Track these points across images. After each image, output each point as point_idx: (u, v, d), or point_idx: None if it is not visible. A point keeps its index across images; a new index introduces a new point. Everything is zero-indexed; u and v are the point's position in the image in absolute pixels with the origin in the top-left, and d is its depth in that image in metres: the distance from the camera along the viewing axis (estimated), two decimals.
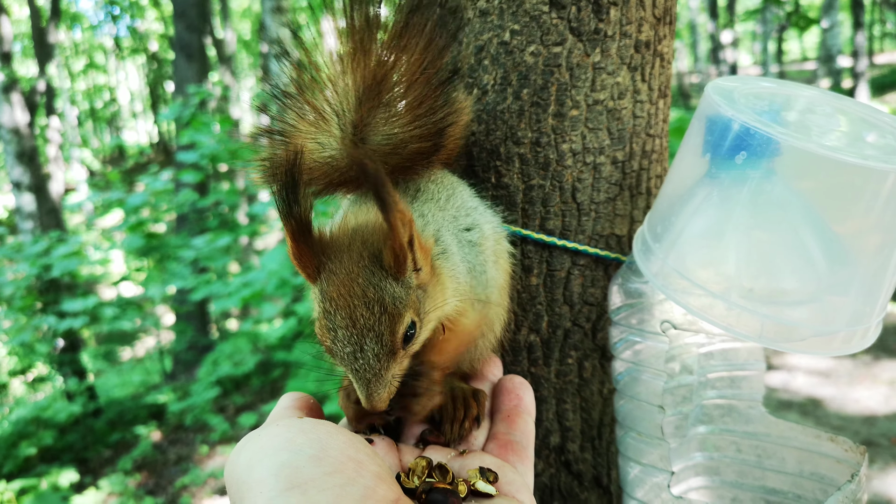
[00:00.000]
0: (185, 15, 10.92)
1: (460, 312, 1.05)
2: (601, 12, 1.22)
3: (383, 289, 0.89)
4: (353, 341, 0.88)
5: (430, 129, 1.10)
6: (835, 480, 1.17)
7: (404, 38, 1.05)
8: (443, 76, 1.10)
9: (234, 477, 0.76)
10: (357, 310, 0.88)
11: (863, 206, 0.98)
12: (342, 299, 0.88)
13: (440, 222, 1.07)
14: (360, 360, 0.88)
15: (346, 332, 0.88)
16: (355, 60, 1.05)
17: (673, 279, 1.08)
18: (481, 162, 1.30)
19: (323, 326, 0.90)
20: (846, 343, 1.03)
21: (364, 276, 0.89)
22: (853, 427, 5.75)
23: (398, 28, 1.05)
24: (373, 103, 1.05)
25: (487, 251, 1.13)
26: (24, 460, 7.45)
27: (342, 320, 0.88)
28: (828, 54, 19.44)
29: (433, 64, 1.08)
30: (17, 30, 24.59)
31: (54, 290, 8.64)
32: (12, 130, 10.18)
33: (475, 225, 1.13)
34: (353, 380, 0.90)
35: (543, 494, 1.38)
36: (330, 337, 0.89)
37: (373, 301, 0.88)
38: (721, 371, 1.36)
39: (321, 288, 0.90)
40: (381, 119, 1.07)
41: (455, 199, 1.14)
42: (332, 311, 0.88)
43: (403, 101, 1.07)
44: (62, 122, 23.99)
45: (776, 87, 1.22)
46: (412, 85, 1.07)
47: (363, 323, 0.88)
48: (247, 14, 30.53)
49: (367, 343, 0.88)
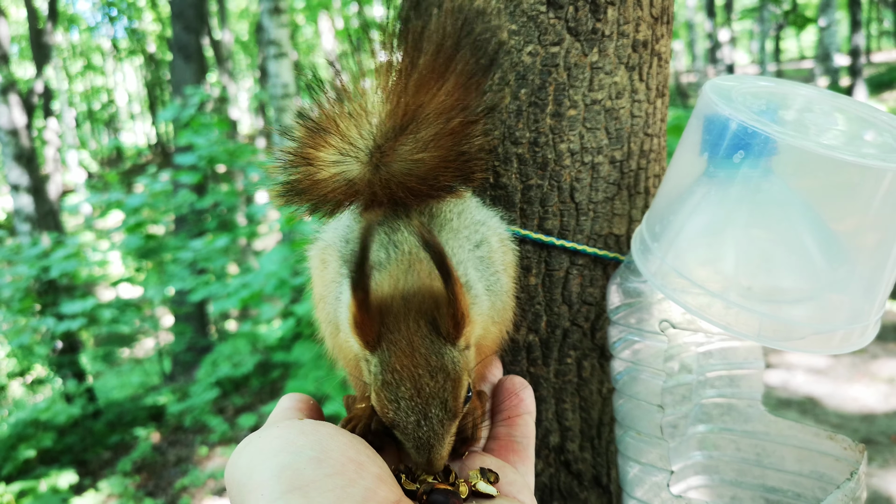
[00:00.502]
0: (183, 16, 10.92)
1: (483, 336, 1.06)
2: (599, 12, 1.22)
3: (444, 355, 0.88)
4: (417, 410, 0.87)
5: (460, 160, 1.09)
6: (834, 479, 1.17)
7: (445, 74, 1.04)
8: (478, 112, 1.09)
9: (235, 479, 0.76)
10: (422, 379, 0.87)
11: (861, 205, 0.98)
12: (406, 370, 0.87)
13: (462, 257, 1.05)
14: (424, 427, 0.87)
15: (411, 403, 0.87)
16: (393, 94, 1.04)
17: (671, 278, 1.08)
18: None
19: (385, 399, 0.88)
20: (845, 341, 1.03)
21: (425, 345, 0.88)
22: (852, 425, 5.76)
23: (438, 64, 1.04)
24: (405, 134, 1.04)
25: (497, 263, 1.12)
26: (24, 462, 7.44)
27: (406, 391, 0.87)
28: (825, 53, 19.46)
29: (469, 100, 1.07)
30: (15, 31, 24.57)
31: (53, 291, 8.63)
32: (10, 132, 10.17)
33: (484, 240, 1.11)
34: (413, 446, 0.89)
35: (543, 494, 1.38)
36: (392, 408, 0.88)
37: (436, 369, 0.88)
38: (720, 370, 1.36)
39: (381, 359, 0.89)
40: (411, 148, 1.05)
41: (464, 216, 1.12)
42: (396, 383, 0.87)
43: (435, 133, 1.05)
44: (60, 124, 23.96)
45: (774, 85, 1.22)
46: (447, 118, 1.05)
47: (428, 392, 0.87)
48: (244, 15, 30.51)
49: (433, 410, 0.87)
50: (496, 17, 1.23)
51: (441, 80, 1.04)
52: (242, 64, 35.77)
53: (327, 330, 1.14)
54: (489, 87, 1.23)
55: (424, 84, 1.04)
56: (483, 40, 1.08)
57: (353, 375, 1.08)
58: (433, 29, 1.05)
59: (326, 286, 1.12)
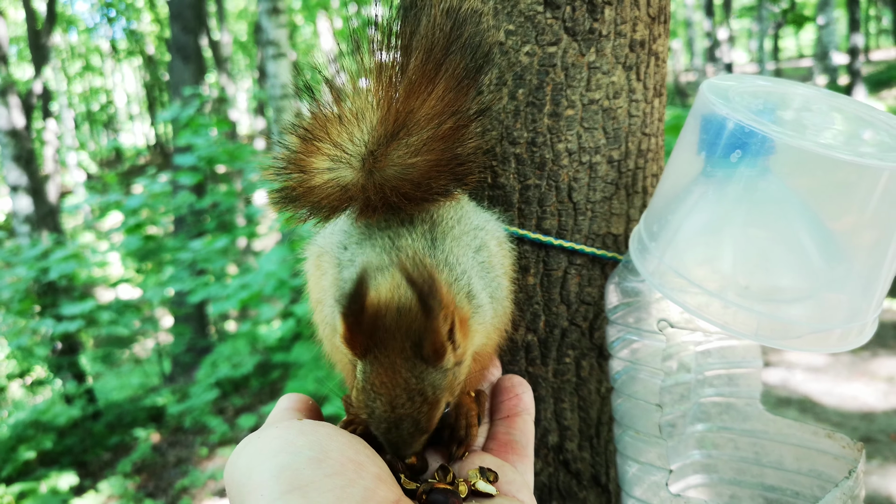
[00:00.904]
0: (181, 17, 10.92)
1: (485, 344, 1.07)
2: (596, 12, 1.22)
3: (424, 379, 0.89)
4: (389, 421, 0.89)
5: (454, 164, 1.09)
6: (832, 477, 1.17)
7: (435, 78, 1.04)
8: (470, 115, 1.09)
9: (234, 480, 0.76)
10: (398, 399, 0.88)
11: (858, 203, 0.98)
12: (384, 388, 0.88)
13: (466, 265, 1.05)
14: (393, 434, 0.90)
15: (384, 415, 0.89)
16: (384, 99, 1.04)
17: (669, 277, 1.08)
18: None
19: (361, 402, 0.91)
20: (843, 340, 1.03)
21: (407, 367, 0.89)
22: (852, 423, 5.76)
23: (429, 68, 1.04)
24: (397, 140, 1.04)
25: (497, 267, 1.12)
26: (24, 464, 7.44)
27: (381, 406, 0.89)
28: (824, 51, 19.47)
29: (461, 103, 1.07)
30: (13, 33, 24.55)
31: (52, 293, 8.63)
32: (9, 133, 10.17)
33: (483, 245, 1.11)
34: (383, 442, 0.91)
35: (542, 493, 1.38)
36: (367, 413, 0.90)
37: (414, 392, 0.89)
38: (718, 369, 1.37)
39: (366, 370, 0.90)
40: (403, 153, 1.05)
41: (464, 221, 1.12)
42: (373, 396, 0.89)
43: (427, 137, 1.05)
44: (59, 125, 23.95)
45: (771, 85, 1.22)
46: (438, 122, 1.05)
47: (402, 412, 0.89)
48: (243, 15, 30.51)
49: (404, 425, 0.89)
50: (491, 18, 1.23)
51: (431, 83, 1.04)
52: (241, 64, 35.75)
53: (325, 332, 1.14)
54: (483, 89, 1.22)
55: (415, 88, 1.04)
56: (474, 43, 1.08)
57: (349, 377, 1.08)
58: (423, 32, 1.05)
59: (324, 290, 1.12)
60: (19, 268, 8.09)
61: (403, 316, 0.90)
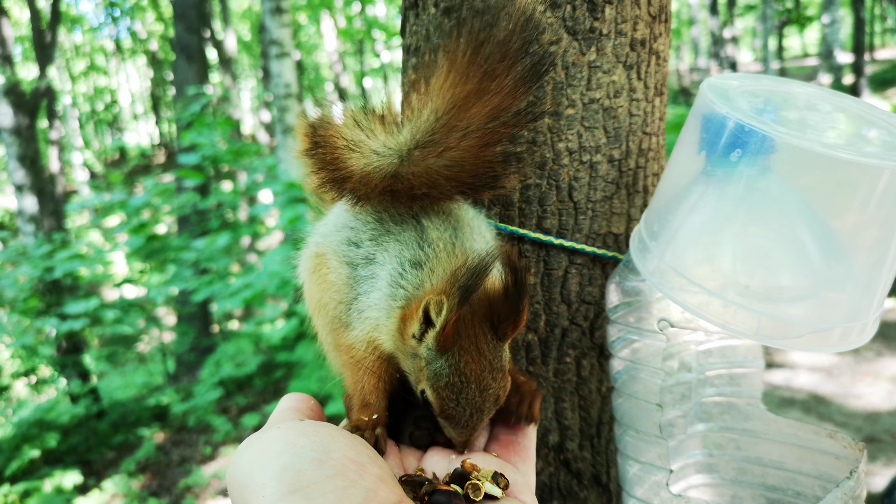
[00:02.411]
0: (185, 16, 10.93)
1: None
2: (596, 11, 1.22)
3: (502, 356, 0.98)
4: (475, 406, 0.96)
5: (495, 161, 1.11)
6: (834, 477, 1.17)
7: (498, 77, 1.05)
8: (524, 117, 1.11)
9: (236, 480, 0.77)
10: (486, 381, 0.95)
11: (859, 203, 0.98)
12: (474, 374, 0.95)
13: (480, 251, 1.07)
14: (475, 418, 0.96)
15: (472, 401, 0.95)
16: (446, 84, 1.05)
17: (669, 277, 1.08)
18: None
19: (446, 397, 0.95)
20: (843, 339, 1.03)
21: (490, 349, 0.96)
22: (856, 424, 5.75)
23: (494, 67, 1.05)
24: (450, 126, 1.05)
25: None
26: (28, 463, 7.46)
27: (472, 392, 0.95)
28: (828, 50, 19.40)
29: (517, 104, 1.08)
30: (18, 32, 24.61)
31: (56, 292, 8.65)
32: (14, 133, 10.20)
33: (481, 232, 1.14)
34: (460, 429, 0.97)
35: (543, 493, 1.38)
36: (452, 405, 0.95)
37: (497, 370, 0.97)
38: (720, 368, 1.36)
39: (451, 362, 0.95)
40: (454, 142, 1.06)
41: (463, 210, 1.15)
42: (463, 384, 0.95)
43: (479, 132, 1.06)
44: (63, 125, 24.02)
45: (773, 84, 1.22)
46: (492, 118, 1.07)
47: (489, 391, 0.96)
48: (247, 15, 30.53)
49: (487, 405, 0.96)
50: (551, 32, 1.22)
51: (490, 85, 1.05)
52: (245, 64, 35.80)
53: (328, 333, 1.15)
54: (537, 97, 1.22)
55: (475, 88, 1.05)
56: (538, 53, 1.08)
57: (356, 378, 1.09)
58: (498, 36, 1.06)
59: (331, 292, 1.12)
60: (24, 266, 8.12)
61: (474, 305, 0.96)
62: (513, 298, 0.94)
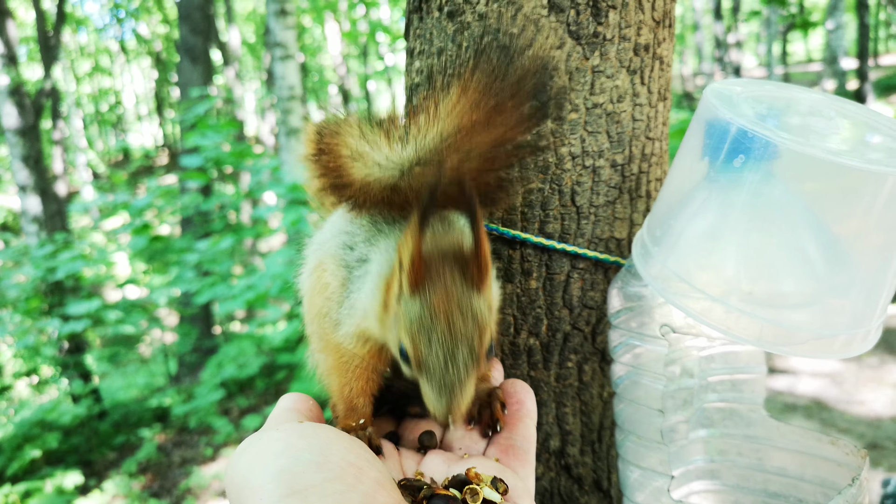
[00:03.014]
0: (190, 18, 10.95)
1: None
2: (600, 16, 1.22)
3: (472, 302, 0.97)
4: (447, 350, 0.94)
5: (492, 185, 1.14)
6: (836, 484, 1.16)
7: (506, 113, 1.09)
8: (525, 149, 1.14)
9: (235, 482, 0.76)
10: (455, 320, 0.95)
11: (862, 209, 0.98)
12: (442, 312, 0.95)
13: None
14: (451, 370, 0.94)
15: (442, 343, 0.94)
16: (455, 110, 1.09)
17: (672, 282, 1.08)
18: None
19: (416, 336, 0.95)
20: (846, 346, 1.03)
21: (459, 291, 0.97)
22: (858, 430, 5.73)
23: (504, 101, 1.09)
24: (453, 148, 1.09)
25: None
26: (29, 463, 7.47)
27: (440, 332, 0.95)
28: (832, 56, 19.37)
29: (520, 137, 1.12)
30: (23, 33, 24.69)
31: (59, 292, 8.66)
32: (18, 133, 10.22)
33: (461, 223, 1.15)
34: (437, 389, 0.95)
35: (543, 498, 1.38)
36: (424, 348, 0.95)
37: (467, 313, 0.96)
38: (722, 374, 1.36)
39: (423, 300, 0.96)
40: (455, 163, 1.09)
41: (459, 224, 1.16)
42: (432, 321, 0.95)
43: (480, 157, 1.10)
44: (67, 125, 24.07)
45: (777, 90, 1.22)
46: (495, 146, 1.11)
47: (459, 332, 0.95)
48: (251, 17, 30.62)
49: (461, 352, 0.95)
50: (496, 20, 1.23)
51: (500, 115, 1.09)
52: (249, 66, 35.88)
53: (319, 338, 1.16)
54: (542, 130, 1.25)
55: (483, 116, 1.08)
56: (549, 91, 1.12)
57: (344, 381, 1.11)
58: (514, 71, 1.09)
59: (326, 293, 1.14)
60: (27, 267, 8.13)
61: (447, 255, 1.00)
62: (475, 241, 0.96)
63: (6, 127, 10.20)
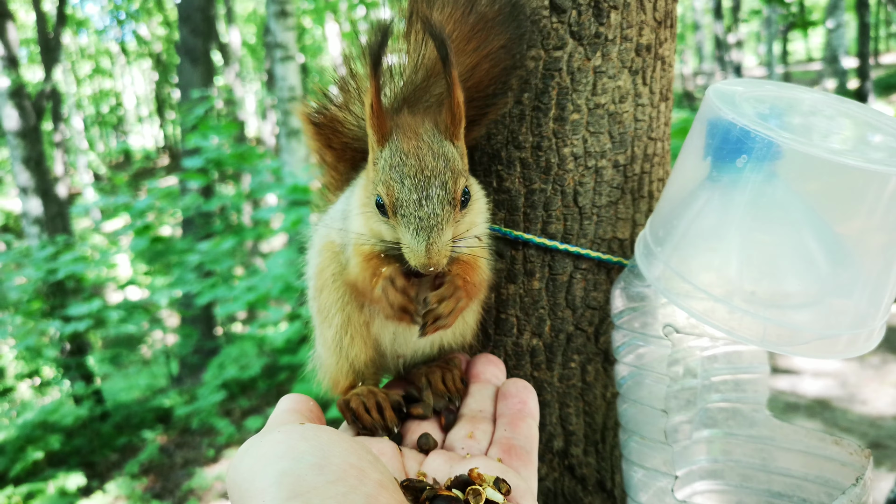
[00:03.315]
0: (190, 19, 10.95)
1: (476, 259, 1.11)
2: (602, 16, 1.22)
3: (444, 146, 1.01)
4: (420, 187, 0.97)
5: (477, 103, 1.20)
6: (839, 484, 1.16)
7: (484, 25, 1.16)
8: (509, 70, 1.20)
9: (236, 484, 0.76)
10: (426, 158, 0.99)
11: (865, 209, 0.98)
12: (412, 149, 0.99)
13: None
14: (425, 206, 0.97)
15: (415, 180, 0.98)
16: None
17: (675, 283, 1.08)
18: (482, 166, 1.30)
19: (390, 179, 0.99)
20: (850, 346, 1.03)
21: (428, 134, 1.01)
22: (861, 429, 5.73)
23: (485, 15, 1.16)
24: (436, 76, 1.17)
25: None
26: (32, 464, 7.47)
27: (411, 169, 0.98)
28: (833, 55, 19.36)
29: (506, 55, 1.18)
30: (24, 35, 24.70)
31: (61, 294, 8.66)
32: (19, 135, 10.23)
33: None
34: (414, 233, 0.97)
35: (547, 499, 1.38)
36: (397, 186, 0.98)
37: (438, 154, 1.00)
38: (725, 374, 1.36)
39: (391, 146, 1.01)
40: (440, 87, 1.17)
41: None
42: (403, 161, 0.99)
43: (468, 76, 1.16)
44: (68, 127, 24.08)
45: (778, 90, 1.22)
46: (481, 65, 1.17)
47: (430, 170, 0.98)
48: (252, 18, 30.61)
49: (433, 189, 0.97)
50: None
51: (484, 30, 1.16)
52: (250, 67, 35.88)
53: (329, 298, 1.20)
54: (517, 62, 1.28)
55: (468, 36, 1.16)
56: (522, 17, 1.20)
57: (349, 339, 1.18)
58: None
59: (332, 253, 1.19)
60: (28, 269, 8.13)
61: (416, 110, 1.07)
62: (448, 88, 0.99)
63: (7, 129, 10.20)
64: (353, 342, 1.18)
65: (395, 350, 1.22)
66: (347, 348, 1.18)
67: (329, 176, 1.36)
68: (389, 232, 1.03)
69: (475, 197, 1.09)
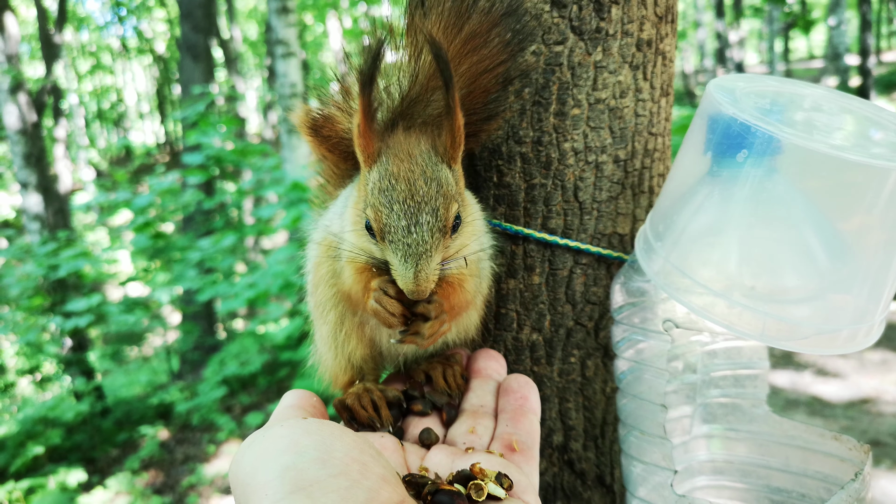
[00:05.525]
0: (192, 16, 10.95)
1: (464, 277, 1.10)
2: (602, 11, 1.22)
3: (439, 170, 0.97)
4: (409, 213, 0.94)
5: (476, 116, 1.18)
6: (839, 479, 1.16)
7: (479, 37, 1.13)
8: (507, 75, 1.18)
9: (239, 478, 0.76)
10: (417, 183, 0.95)
11: (866, 204, 0.98)
12: (402, 173, 0.95)
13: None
14: (414, 233, 0.93)
15: (404, 206, 0.94)
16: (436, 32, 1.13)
17: (675, 278, 1.08)
18: (483, 161, 1.30)
19: (379, 205, 0.95)
20: (849, 341, 1.03)
21: (423, 157, 0.97)
22: (860, 426, 5.73)
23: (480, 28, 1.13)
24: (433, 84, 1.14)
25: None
26: (32, 460, 7.48)
27: (401, 194, 0.94)
28: (835, 52, 19.33)
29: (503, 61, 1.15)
30: (24, 31, 24.68)
31: (62, 290, 8.67)
32: (20, 131, 10.22)
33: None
34: (401, 260, 0.94)
35: (547, 493, 1.38)
36: (385, 212, 0.95)
37: (431, 178, 0.96)
38: (725, 370, 1.36)
39: (380, 168, 0.97)
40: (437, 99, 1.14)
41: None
42: (392, 186, 0.95)
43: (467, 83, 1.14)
44: (69, 123, 24.07)
45: (780, 85, 1.21)
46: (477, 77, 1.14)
47: (421, 196, 0.94)
48: (253, 15, 30.59)
49: (423, 215, 0.94)
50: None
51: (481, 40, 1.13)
52: (251, 63, 35.86)
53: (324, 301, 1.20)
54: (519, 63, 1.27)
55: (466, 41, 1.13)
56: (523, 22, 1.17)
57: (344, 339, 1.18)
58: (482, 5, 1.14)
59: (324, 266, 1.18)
60: (29, 264, 8.14)
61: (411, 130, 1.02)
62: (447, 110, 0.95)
63: (8, 125, 10.20)
64: (349, 339, 1.18)
65: (395, 349, 1.23)
66: (343, 344, 1.18)
67: (330, 172, 1.36)
68: (379, 252, 1.01)
69: (468, 220, 1.05)
